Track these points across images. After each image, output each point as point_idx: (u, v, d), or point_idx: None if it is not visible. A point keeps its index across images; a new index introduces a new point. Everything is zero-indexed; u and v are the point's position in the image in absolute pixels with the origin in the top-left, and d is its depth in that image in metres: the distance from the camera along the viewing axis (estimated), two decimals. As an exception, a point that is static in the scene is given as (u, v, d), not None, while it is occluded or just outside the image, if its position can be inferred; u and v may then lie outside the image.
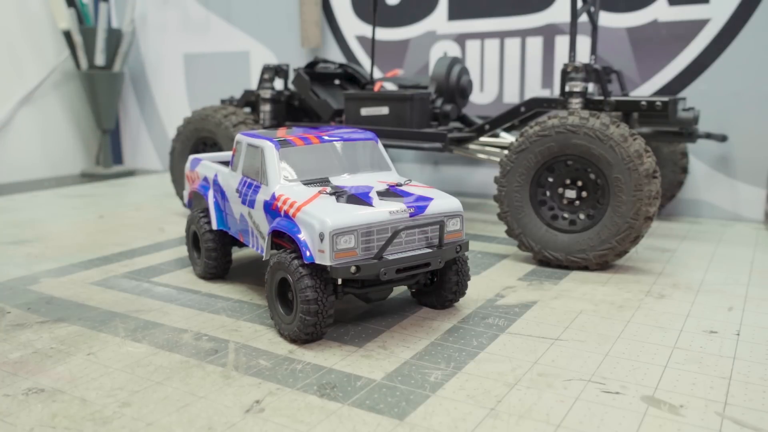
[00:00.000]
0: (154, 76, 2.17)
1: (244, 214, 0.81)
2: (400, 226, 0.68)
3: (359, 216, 0.67)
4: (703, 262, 1.03)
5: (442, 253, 0.71)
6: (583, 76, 1.07)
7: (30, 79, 2.04)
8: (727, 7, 1.32)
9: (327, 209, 0.68)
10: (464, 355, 0.67)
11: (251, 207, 0.79)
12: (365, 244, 0.67)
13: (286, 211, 0.71)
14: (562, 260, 0.98)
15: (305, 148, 0.79)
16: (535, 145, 0.98)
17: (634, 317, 0.78)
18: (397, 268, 0.68)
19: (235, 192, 0.83)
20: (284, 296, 0.72)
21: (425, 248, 0.71)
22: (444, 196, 0.75)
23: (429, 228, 0.71)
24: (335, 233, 0.65)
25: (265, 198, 0.76)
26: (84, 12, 2.04)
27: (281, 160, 0.77)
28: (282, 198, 0.73)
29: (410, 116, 1.19)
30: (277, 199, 0.73)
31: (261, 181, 0.78)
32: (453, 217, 0.74)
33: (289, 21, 1.85)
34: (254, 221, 0.79)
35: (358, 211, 0.68)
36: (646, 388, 0.59)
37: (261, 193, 0.77)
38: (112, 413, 0.55)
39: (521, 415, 0.54)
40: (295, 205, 0.70)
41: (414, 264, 0.69)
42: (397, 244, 0.69)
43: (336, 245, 0.65)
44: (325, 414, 0.54)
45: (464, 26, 1.60)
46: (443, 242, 0.71)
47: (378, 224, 0.68)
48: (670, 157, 1.33)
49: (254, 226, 0.79)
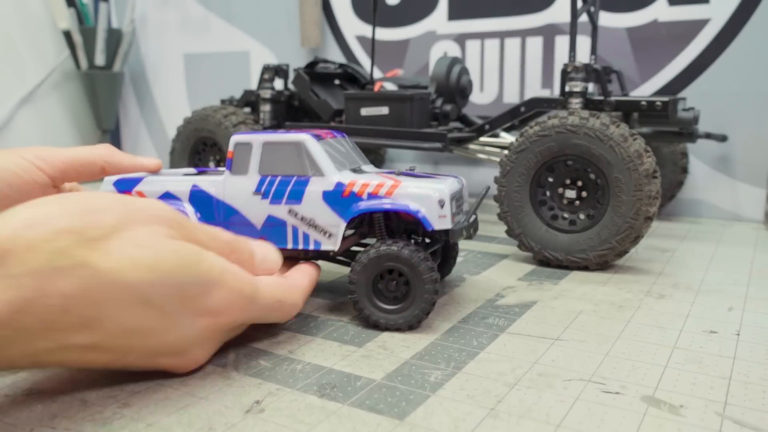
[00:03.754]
0: (154, 76, 2.17)
1: (275, 214, 0.78)
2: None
3: (451, 185, 0.76)
4: (703, 262, 1.03)
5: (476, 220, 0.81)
6: (583, 76, 1.07)
7: (30, 79, 2.04)
8: (727, 7, 1.32)
9: (425, 183, 0.74)
10: (464, 355, 0.67)
11: (295, 202, 0.77)
12: (456, 209, 0.77)
13: (374, 193, 0.74)
14: (562, 260, 0.98)
15: (330, 141, 0.81)
16: (535, 145, 0.98)
17: (634, 317, 0.78)
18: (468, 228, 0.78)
19: (254, 194, 0.79)
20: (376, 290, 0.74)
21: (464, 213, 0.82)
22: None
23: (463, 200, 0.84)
24: (450, 198, 0.74)
25: (326, 188, 0.75)
26: (84, 12, 2.04)
27: (325, 151, 0.78)
28: (357, 184, 0.75)
29: (410, 116, 1.20)
30: (349, 186, 0.75)
31: (309, 173, 0.77)
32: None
33: (289, 21, 1.85)
34: (302, 216, 0.77)
35: (446, 182, 0.76)
36: (646, 388, 0.59)
37: (314, 185, 0.76)
38: (112, 414, 0.55)
39: (521, 415, 0.54)
40: (387, 186, 0.74)
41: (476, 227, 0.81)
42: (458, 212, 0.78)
43: (451, 209, 0.74)
44: (325, 414, 0.54)
45: (464, 26, 1.60)
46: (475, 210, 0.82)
47: (458, 192, 0.79)
48: (670, 157, 1.33)
49: (300, 222, 0.77)
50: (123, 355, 0.57)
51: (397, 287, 0.73)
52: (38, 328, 0.50)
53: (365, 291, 0.73)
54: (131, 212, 0.57)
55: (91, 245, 0.52)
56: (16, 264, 0.48)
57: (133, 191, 0.82)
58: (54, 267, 0.50)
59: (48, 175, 0.76)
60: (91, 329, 0.53)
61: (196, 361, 0.62)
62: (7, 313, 0.48)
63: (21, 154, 0.76)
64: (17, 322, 0.48)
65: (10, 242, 0.49)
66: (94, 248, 0.52)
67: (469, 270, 0.98)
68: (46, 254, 0.50)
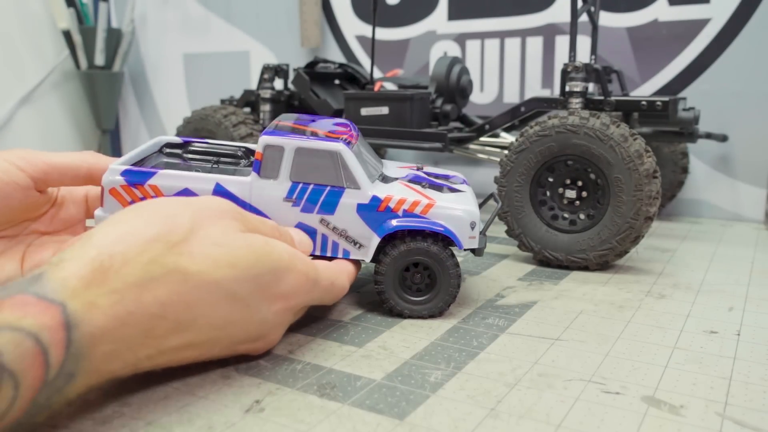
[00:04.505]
0: (154, 76, 2.17)
1: (306, 222, 0.77)
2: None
3: (473, 203, 0.80)
4: (703, 262, 1.02)
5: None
6: (583, 76, 1.07)
7: (30, 79, 2.04)
8: (727, 7, 1.32)
9: (456, 202, 0.77)
10: (464, 355, 0.67)
11: (328, 212, 0.76)
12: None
13: (410, 210, 0.76)
14: (562, 260, 0.98)
15: (358, 147, 0.81)
16: (536, 145, 0.98)
17: (634, 317, 0.78)
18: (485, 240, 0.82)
19: (284, 201, 0.76)
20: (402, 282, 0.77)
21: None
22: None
23: None
24: (478, 220, 0.78)
25: (361, 201, 0.75)
26: (84, 12, 2.04)
27: (357, 160, 0.77)
28: (393, 199, 0.76)
29: (410, 116, 1.19)
30: (385, 201, 0.76)
31: (344, 185, 0.76)
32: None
33: (289, 21, 1.85)
34: (334, 227, 0.77)
35: (468, 198, 0.80)
36: (647, 388, 0.59)
37: (348, 197, 0.75)
38: (112, 412, 0.54)
39: (521, 415, 0.54)
40: (423, 204, 0.76)
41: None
42: None
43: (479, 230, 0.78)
44: (325, 414, 0.54)
45: (464, 26, 1.60)
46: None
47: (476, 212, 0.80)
48: (670, 157, 1.33)
49: (332, 232, 0.77)
50: (210, 349, 0.60)
51: (421, 279, 0.77)
52: (139, 337, 0.52)
53: (392, 282, 0.76)
54: (199, 211, 0.60)
55: (176, 250, 0.55)
56: (115, 279, 0.51)
57: (146, 184, 0.77)
58: (150, 277, 0.53)
59: (30, 176, 0.75)
60: (186, 330, 0.55)
61: (271, 343, 0.66)
62: (113, 327, 0.50)
63: (2, 156, 0.75)
64: (121, 335, 0.51)
65: (108, 260, 0.51)
66: (180, 252, 0.55)
67: (469, 270, 0.98)
68: (141, 266, 0.52)
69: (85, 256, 0.51)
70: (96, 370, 0.50)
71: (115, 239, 0.53)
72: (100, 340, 0.49)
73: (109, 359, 0.51)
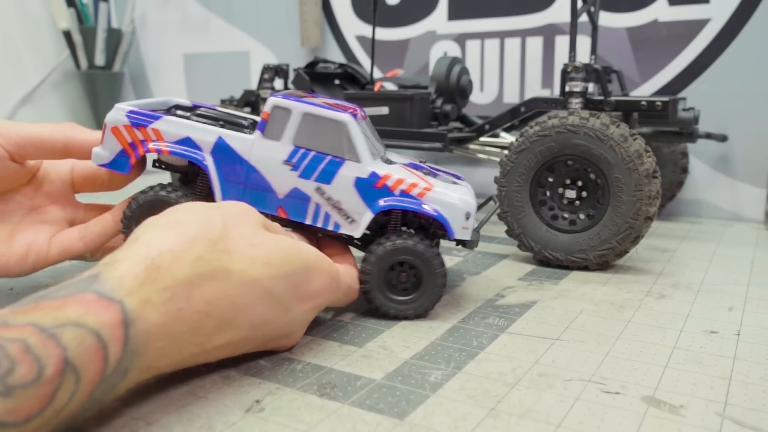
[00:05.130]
0: (154, 76, 2.17)
1: (302, 189, 0.76)
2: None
3: (471, 194, 0.79)
4: (703, 262, 1.03)
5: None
6: (583, 76, 1.07)
7: (30, 79, 2.04)
8: (727, 7, 1.32)
9: (454, 191, 0.76)
10: (464, 355, 0.67)
11: (325, 182, 0.75)
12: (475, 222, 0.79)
13: (407, 191, 0.75)
14: (562, 260, 0.98)
15: (364, 124, 0.80)
16: (535, 145, 0.98)
17: (634, 317, 0.78)
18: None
19: (284, 163, 0.76)
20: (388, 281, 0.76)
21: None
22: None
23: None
24: (475, 211, 0.76)
25: (359, 175, 0.75)
26: (84, 12, 2.04)
27: (363, 135, 0.76)
28: (392, 178, 0.75)
29: (410, 116, 1.19)
30: (383, 178, 0.75)
31: (345, 156, 0.75)
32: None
33: (289, 21, 1.85)
34: (329, 197, 0.76)
35: (466, 190, 0.79)
36: (646, 388, 0.59)
37: (348, 170, 0.75)
38: (112, 412, 0.54)
39: (521, 415, 0.54)
40: (420, 187, 0.75)
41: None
42: None
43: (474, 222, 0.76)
44: (325, 413, 0.54)
45: (464, 26, 1.60)
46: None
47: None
48: (670, 157, 1.33)
49: (326, 202, 0.76)
50: (244, 345, 0.61)
51: (407, 279, 0.76)
52: (187, 334, 0.54)
53: (377, 282, 0.75)
54: (228, 213, 0.61)
55: (219, 248, 0.56)
56: (167, 276, 0.52)
57: (148, 127, 0.78)
58: (197, 274, 0.54)
59: (4, 148, 0.76)
60: (228, 329, 0.57)
61: (295, 340, 0.67)
62: (164, 324, 0.51)
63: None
64: (172, 332, 0.52)
65: (159, 258, 0.53)
66: (222, 251, 0.56)
67: (469, 270, 0.98)
68: (189, 262, 0.54)
69: (136, 255, 0.52)
70: (147, 366, 0.51)
71: (161, 237, 0.55)
72: (155, 337, 0.50)
73: (159, 356, 0.52)
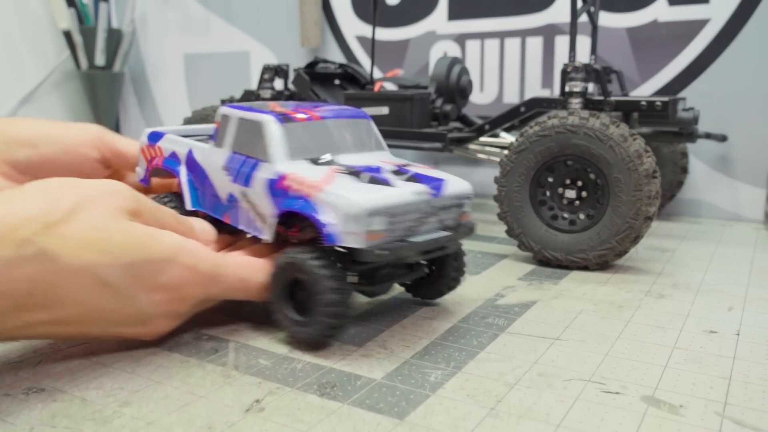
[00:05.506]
0: (154, 76, 2.17)
1: (234, 194, 0.75)
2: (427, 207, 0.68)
3: (388, 197, 0.65)
4: (703, 262, 1.03)
5: (457, 236, 0.71)
6: (583, 76, 1.07)
7: (30, 79, 2.04)
8: (727, 7, 1.32)
9: (353, 189, 0.65)
10: (464, 354, 0.67)
11: (246, 185, 0.73)
12: (392, 226, 0.65)
13: (300, 190, 0.67)
14: (562, 260, 0.98)
15: (307, 124, 0.75)
16: (535, 145, 0.98)
17: (634, 317, 0.78)
18: (423, 250, 0.68)
19: (222, 169, 0.77)
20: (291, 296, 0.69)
21: (440, 231, 0.71)
22: (453, 178, 0.74)
23: (444, 210, 0.71)
24: (371, 213, 0.63)
25: (269, 176, 0.71)
26: (84, 12, 2.04)
27: (284, 135, 0.72)
28: (293, 177, 0.68)
29: (410, 116, 1.19)
30: (285, 178, 0.69)
31: (261, 157, 0.72)
32: (466, 198, 0.73)
33: (289, 21, 1.85)
34: (250, 201, 0.73)
35: (386, 192, 0.66)
36: (646, 388, 0.59)
37: (262, 171, 0.72)
38: (112, 412, 0.55)
39: (521, 415, 0.54)
40: (314, 185, 0.66)
41: (435, 246, 0.69)
42: (418, 227, 0.68)
43: (369, 226, 0.63)
44: (325, 413, 0.54)
45: (464, 26, 1.60)
46: (459, 224, 0.72)
47: (404, 206, 0.66)
48: (670, 157, 1.33)
49: (250, 206, 0.74)
50: (87, 327, 0.62)
51: (305, 298, 0.66)
52: (8, 309, 0.55)
53: (279, 295, 0.68)
54: (88, 194, 0.61)
55: (51, 231, 0.57)
56: None
57: (155, 145, 0.88)
58: (20, 255, 0.55)
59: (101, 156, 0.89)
60: (54, 308, 0.58)
61: (160, 330, 0.66)
62: None
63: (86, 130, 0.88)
64: None
65: None
66: (54, 234, 0.57)
67: (469, 270, 0.98)
68: (14, 243, 0.55)
69: None
70: None
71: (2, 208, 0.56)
72: None
73: None
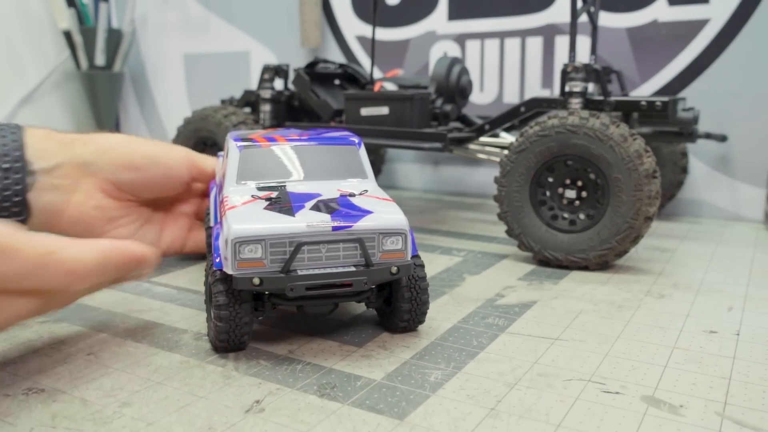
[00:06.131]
0: (154, 76, 2.17)
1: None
2: (306, 239, 0.63)
3: (269, 226, 0.63)
4: (703, 262, 1.03)
5: (370, 274, 0.64)
6: (583, 76, 1.07)
7: (30, 79, 2.04)
8: (727, 7, 1.32)
9: (243, 216, 0.65)
10: (464, 355, 0.67)
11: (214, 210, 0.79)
12: (275, 255, 0.63)
13: (221, 214, 0.70)
14: (562, 260, 0.98)
15: (268, 151, 0.77)
16: (535, 145, 0.98)
17: (634, 317, 0.78)
18: (307, 285, 0.63)
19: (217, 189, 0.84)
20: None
21: (351, 267, 0.65)
22: (390, 211, 0.68)
23: (350, 245, 0.64)
24: (238, 241, 0.62)
25: (220, 199, 0.76)
26: (84, 12, 2.04)
27: (243, 161, 0.75)
28: (224, 200, 0.71)
29: (410, 116, 1.19)
30: (222, 202, 0.72)
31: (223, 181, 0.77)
32: (391, 234, 0.66)
33: (289, 21, 1.85)
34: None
35: (271, 221, 0.64)
36: (646, 388, 0.59)
37: (220, 194, 0.77)
38: (112, 413, 0.55)
39: (521, 415, 0.54)
40: (223, 211, 0.69)
41: (328, 282, 0.63)
42: (315, 260, 0.64)
43: (239, 254, 0.62)
44: (325, 414, 0.54)
45: (464, 26, 1.60)
46: (371, 262, 0.64)
47: (289, 236, 0.63)
48: (670, 157, 1.33)
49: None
50: None
51: None
52: None
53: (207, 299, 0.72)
54: None
55: None
56: None
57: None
58: None
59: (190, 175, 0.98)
60: None
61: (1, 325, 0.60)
62: None
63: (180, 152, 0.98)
64: None
65: None
66: None
67: (469, 270, 0.98)
68: None
69: None
70: None
71: None
72: None
73: None
